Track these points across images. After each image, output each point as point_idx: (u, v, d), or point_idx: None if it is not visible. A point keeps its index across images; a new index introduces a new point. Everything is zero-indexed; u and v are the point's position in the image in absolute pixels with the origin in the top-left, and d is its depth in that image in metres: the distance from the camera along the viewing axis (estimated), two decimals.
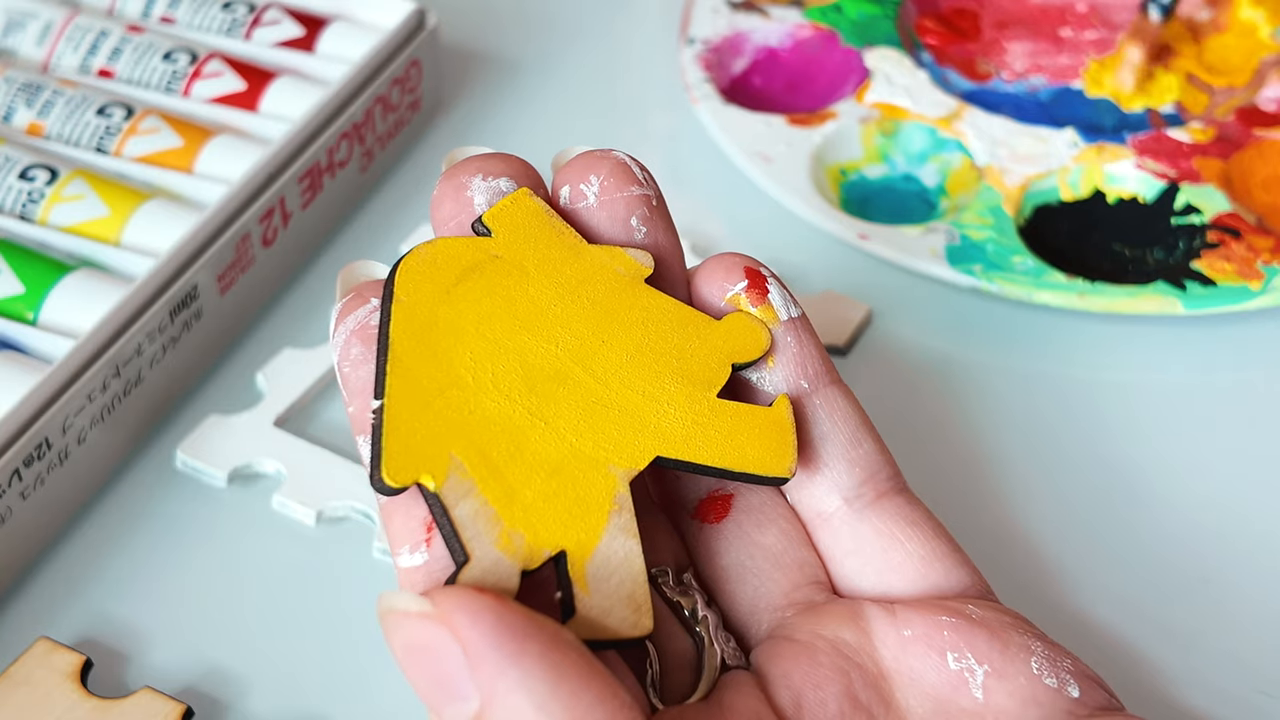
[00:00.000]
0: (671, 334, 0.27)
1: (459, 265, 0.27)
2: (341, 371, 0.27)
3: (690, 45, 0.45)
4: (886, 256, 0.40)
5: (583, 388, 0.26)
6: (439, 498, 0.24)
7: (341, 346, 0.27)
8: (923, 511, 0.28)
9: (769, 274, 0.28)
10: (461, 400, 0.25)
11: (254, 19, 0.44)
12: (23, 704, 0.30)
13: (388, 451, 0.24)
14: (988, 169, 0.42)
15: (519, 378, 0.26)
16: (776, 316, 0.28)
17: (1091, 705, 0.25)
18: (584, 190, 0.28)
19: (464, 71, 0.47)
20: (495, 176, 0.28)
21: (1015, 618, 0.27)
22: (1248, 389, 0.38)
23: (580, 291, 0.27)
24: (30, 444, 0.33)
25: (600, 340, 0.27)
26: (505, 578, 0.24)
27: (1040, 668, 0.26)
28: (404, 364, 0.25)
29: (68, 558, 0.34)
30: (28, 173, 0.39)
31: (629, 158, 0.29)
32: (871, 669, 0.26)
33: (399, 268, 0.26)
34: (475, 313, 0.26)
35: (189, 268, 0.36)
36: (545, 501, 0.25)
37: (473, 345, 0.26)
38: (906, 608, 0.26)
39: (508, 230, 0.27)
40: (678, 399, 0.26)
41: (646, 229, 0.28)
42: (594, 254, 0.27)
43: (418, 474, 0.24)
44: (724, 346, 0.27)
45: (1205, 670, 0.32)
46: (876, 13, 0.47)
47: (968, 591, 0.27)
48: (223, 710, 0.31)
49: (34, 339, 0.35)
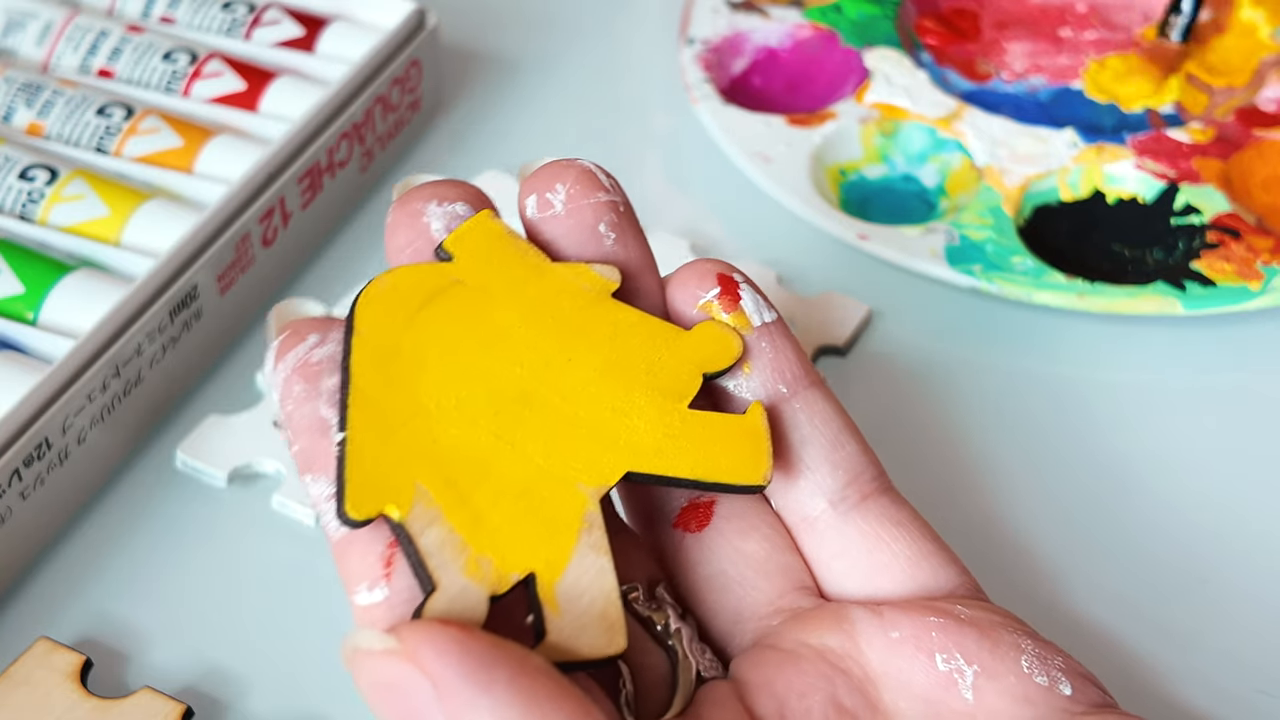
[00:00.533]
0: (640, 347, 0.27)
1: (421, 293, 0.26)
2: (285, 410, 0.26)
3: (690, 45, 0.45)
4: (886, 256, 0.40)
5: (549, 407, 0.26)
6: (404, 527, 0.24)
7: (283, 385, 0.26)
8: (908, 511, 0.28)
9: (742, 279, 0.28)
10: (425, 428, 0.25)
11: (254, 19, 0.44)
12: (23, 704, 0.30)
13: (351, 484, 0.24)
14: (987, 169, 0.42)
15: (484, 402, 0.26)
16: (749, 322, 0.28)
17: (1085, 703, 0.25)
18: (550, 199, 0.28)
19: (464, 71, 0.47)
20: (450, 201, 0.28)
21: (1005, 616, 0.26)
22: (1247, 389, 0.38)
23: (545, 311, 0.27)
24: (30, 444, 0.33)
25: (567, 358, 0.26)
26: (473, 604, 0.24)
27: (1031, 666, 0.25)
28: (365, 396, 0.25)
29: (68, 558, 0.34)
30: (28, 173, 0.39)
31: (595, 165, 0.28)
32: (858, 674, 0.25)
33: (359, 299, 0.26)
34: (438, 340, 0.26)
35: (189, 268, 0.36)
36: (513, 524, 0.24)
37: (436, 372, 0.26)
38: (893, 609, 0.26)
39: (470, 254, 0.27)
40: (648, 412, 0.26)
41: (615, 235, 0.28)
42: (558, 272, 0.27)
43: (382, 505, 0.24)
44: (694, 356, 0.27)
45: (1204, 669, 0.32)
46: (876, 13, 0.47)
47: (956, 590, 0.27)
48: (223, 710, 0.31)
49: (34, 339, 0.35)
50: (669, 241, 0.41)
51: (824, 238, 0.41)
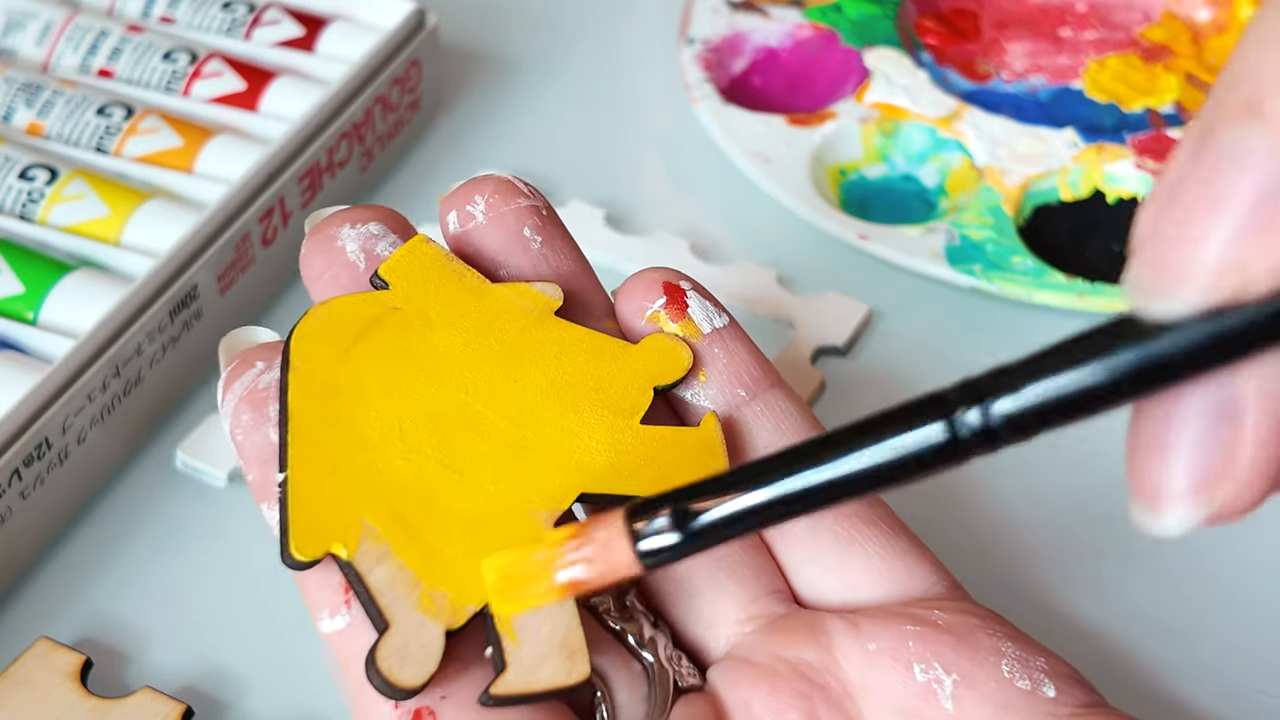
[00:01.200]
0: (588, 365, 0.26)
1: (356, 323, 0.26)
2: (235, 440, 0.26)
3: (690, 45, 0.45)
4: (886, 256, 0.40)
5: (497, 432, 0.25)
6: (352, 566, 0.24)
7: (232, 414, 0.26)
8: (881, 509, 0.27)
9: (690, 286, 0.28)
10: (368, 462, 0.24)
11: (254, 19, 0.44)
12: (23, 704, 0.30)
13: (294, 526, 0.24)
14: (987, 169, 0.42)
15: (428, 430, 0.25)
16: (699, 330, 0.27)
17: (1070, 704, 0.25)
18: (470, 211, 0.28)
19: (464, 71, 0.47)
20: (363, 223, 0.27)
21: (985, 617, 0.26)
22: None
23: (487, 333, 0.26)
24: (30, 444, 0.33)
25: (512, 380, 0.26)
26: (429, 641, 0.23)
27: (1012, 670, 0.25)
28: (304, 433, 0.25)
29: (68, 558, 0.34)
30: (28, 173, 0.39)
31: (512, 176, 0.28)
32: (836, 689, 0.25)
33: (293, 334, 0.26)
34: (377, 370, 0.25)
35: (189, 268, 0.36)
36: (465, 556, 0.24)
37: (377, 404, 0.25)
38: (870, 620, 0.26)
39: (406, 280, 0.26)
40: (598, 431, 0.26)
41: (541, 238, 0.28)
42: (499, 293, 0.27)
43: (327, 545, 0.24)
44: (644, 370, 0.27)
45: (1203, 668, 0.32)
46: (876, 13, 0.47)
47: (933, 589, 0.27)
48: (223, 710, 0.31)
49: (34, 339, 0.35)
50: (669, 241, 0.41)
51: (824, 238, 0.41)
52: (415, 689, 0.23)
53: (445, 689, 0.24)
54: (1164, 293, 0.18)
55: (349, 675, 0.24)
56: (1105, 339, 0.19)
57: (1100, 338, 0.19)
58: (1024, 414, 0.19)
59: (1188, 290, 0.18)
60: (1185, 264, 0.18)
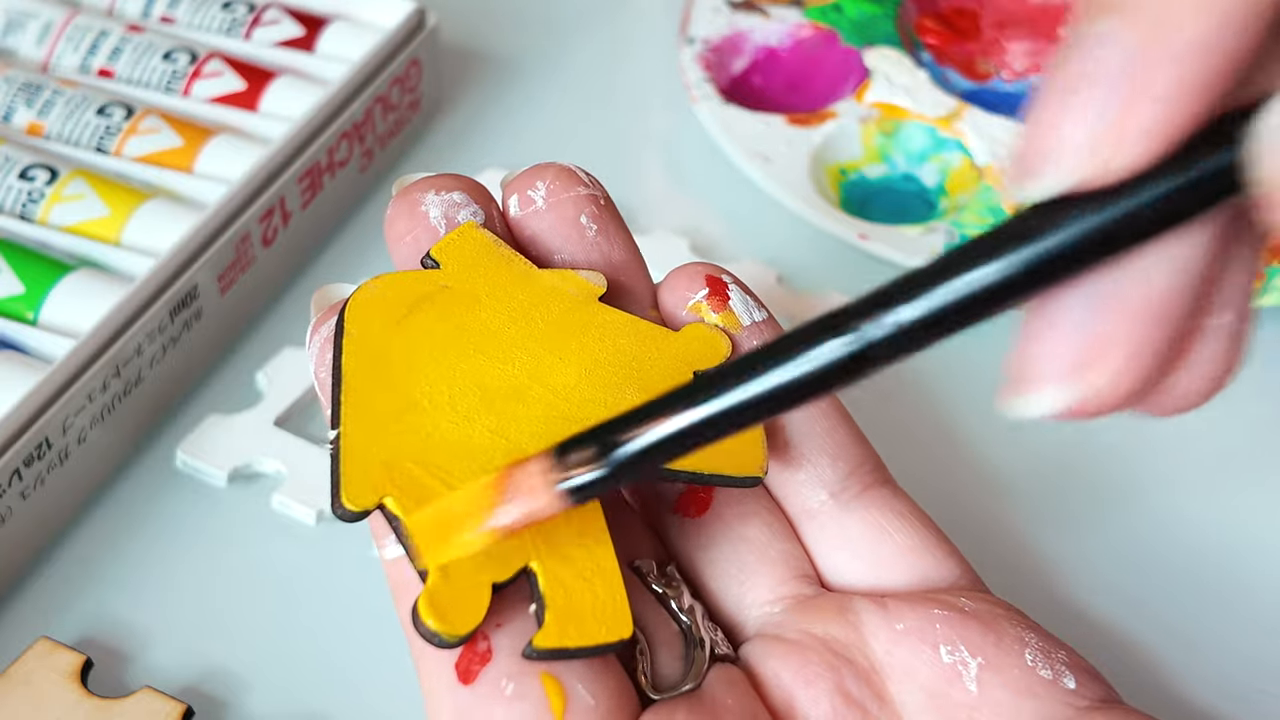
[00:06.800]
0: (629, 347, 0.27)
1: (408, 297, 0.27)
2: (318, 378, 0.27)
3: (690, 45, 0.45)
4: (886, 256, 0.40)
5: (542, 403, 0.26)
6: (400, 519, 0.24)
7: (317, 355, 0.27)
8: (909, 503, 0.28)
9: (731, 280, 0.28)
10: (419, 423, 0.25)
11: (254, 19, 0.44)
12: (23, 704, 0.30)
13: (346, 478, 0.24)
14: (988, 169, 0.42)
15: (477, 398, 0.26)
16: (739, 322, 0.28)
17: (1089, 697, 0.25)
18: (531, 196, 0.28)
19: (464, 71, 0.47)
20: (447, 190, 0.28)
21: (1009, 610, 0.27)
22: (1247, 387, 0.38)
23: (533, 314, 0.27)
24: (30, 444, 0.33)
25: (557, 357, 0.26)
26: (472, 593, 0.24)
27: (1035, 659, 0.26)
28: (358, 393, 0.25)
29: (68, 558, 0.34)
30: (28, 172, 0.39)
31: (574, 165, 0.29)
32: (863, 664, 0.26)
33: (348, 303, 0.26)
34: (428, 340, 0.26)
35: (189, 268, 0.36)
36: None
37: (427, 371, 0.26)
38: (898, 601, 0.26)
39: (456, 261, 0.27)
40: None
41: (597, 226, 0.28)
42: (545, 278, 0.27)
43: (377, 497, 0.24)
44: (683, 356, 0.27)
45: (1207, 667, 0.32)
46: (876, 12, 0.47)
47: (958, 583, 0.27)
48: (223, 710, 0.31)
49: (34, 339, 0.35)
50: (669, 241, 0.41)
51: (824, 237, 0.41)
52: (458, 639, 0.23)
53: (492, 639, 0.24)
54: (1034, 175, 0.19)
55: (400, 604, 0.25)
56: (990, 241, 0.20)
57: (985, 241, 0.20)
58: (918, 322, 0.21)
59: (1054, 170, 0.19)
60: (1051, 145, 0.19)
